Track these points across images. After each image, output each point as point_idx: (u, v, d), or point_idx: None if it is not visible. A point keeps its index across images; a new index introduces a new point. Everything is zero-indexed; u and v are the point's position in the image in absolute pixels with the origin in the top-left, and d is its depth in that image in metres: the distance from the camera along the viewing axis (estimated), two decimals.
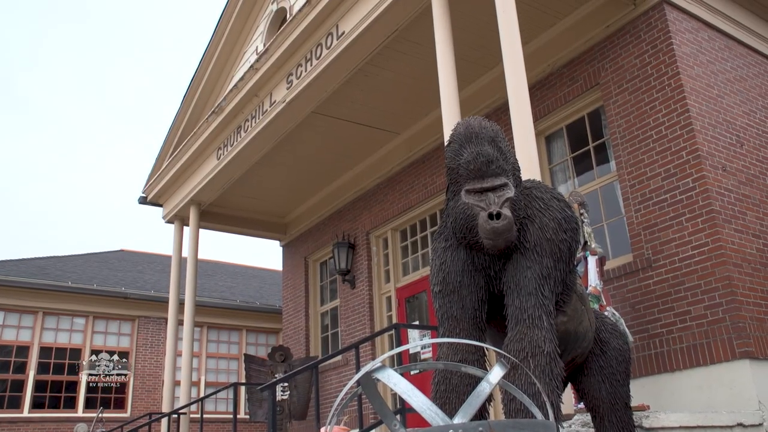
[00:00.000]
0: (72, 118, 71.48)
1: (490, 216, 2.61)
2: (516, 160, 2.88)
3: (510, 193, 2.70)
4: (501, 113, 8.40)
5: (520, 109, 5.85)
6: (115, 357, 15.25)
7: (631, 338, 5.94)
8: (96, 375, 15.04)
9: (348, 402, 1.99)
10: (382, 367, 1.72)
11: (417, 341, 9.61)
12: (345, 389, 1.81)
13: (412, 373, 9.17)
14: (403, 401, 7.01)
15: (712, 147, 6.59)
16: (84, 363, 14.74)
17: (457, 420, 1.58)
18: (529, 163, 5.57)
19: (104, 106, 74.14)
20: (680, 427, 4.76)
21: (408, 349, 9.62)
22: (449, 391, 2.65)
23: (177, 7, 78.93)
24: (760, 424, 5.48)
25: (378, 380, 1.96)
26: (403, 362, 9.01)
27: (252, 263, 31.58)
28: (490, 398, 2.69)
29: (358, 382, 1.84)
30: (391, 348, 9.89)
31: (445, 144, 2.88)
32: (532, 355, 2.55)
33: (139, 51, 77.69)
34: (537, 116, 8.01)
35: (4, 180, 60.12)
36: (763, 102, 7.67)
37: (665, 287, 6.46)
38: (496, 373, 1.72)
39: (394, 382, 1.66)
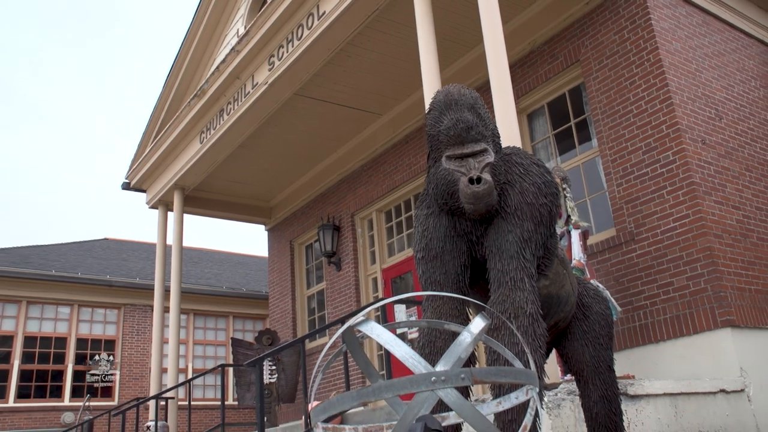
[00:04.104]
0: (55, 107, 70.79)
1: (471, 181, 2.63)
2: (495, 126, 2.89)
3: (490, 158, 2.72)
4: (483, 92, 8.41)
5: (501, 87, 5.86)
6: (112, 357, 15.10)
7: (619, 309, 6.01)
8: (98, 375, 14.92)
9: (332, 361, 2.00)
10: (365, 320, 1.74)
11: (404, 320, 9.65)
12: (328, 344, 1.83)
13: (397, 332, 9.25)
14: (389, 364, 7.09)
15: (692, 120, 6.65)
16: (90, 362, 14.60)
17: (440, 368, 1.61)
18: (511, 141, 5.58)
19: (85, 95, 73.48)
20: (664, 394, 4.84)
21: (391, 304, 9.63)
22: (434, 354, 2.67)
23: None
24: (742, 390, 5.57)
25: (362, 336, 1.98)
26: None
27: (238, 250, 31.47)
28: (474, 359, 2.73)
29: (342, 338, 1.86)
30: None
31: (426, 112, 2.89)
32: (514, 316, 2.57)
33: (124, 36, 76.96)
34: (518, 94, 8.04)
35: None
36: (741, 76, 7.74)
37: (648, 260, 6.54)
38: (476, 324, 1.74)
39: (378, 333, 1.68)
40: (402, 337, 9.79)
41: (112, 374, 14.99)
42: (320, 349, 11.34)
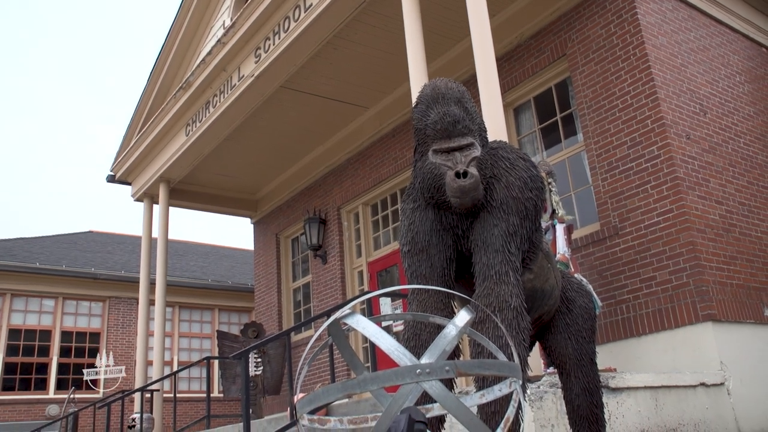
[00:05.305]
0: (39, 98, 70.14)
1: (457, 174, 2.64)
2: (482, 120, 2.91)
3: (476, 152, 2.73)
4: (469, 86, 8.41)
5: (488, 81, 5.87)
6: (111, 359, 14.93)
7: (600, 303, 6.06)
8: (97, 378, 14.77)
9: (318, 353, 2.02)
10: (351, 312, 1.76)
11: (389, 313, 9.68)
12: (314, 337, 1.84)
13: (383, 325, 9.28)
14: (374, 357, 7.11)
15: (676, 115, 6.70)
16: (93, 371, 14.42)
17: (424, 360, 1.62)
18: (498, 135, 5.60)
19: (70, 86, 72.82)
20: (645, 387, 4.90)
21: (376, 297, 9.67)
22: (419, 346, 2.69)
23: None
24: (722, 384, 5.64)
25: (348, 329, 2.00)
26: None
27: (223, 243, 31.39)
28: (459, 352, 2.75)
29: (328, 331, 1.87)
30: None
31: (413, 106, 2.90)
32: (499, 309, 2.60)
33: (110, 26, 76.28)
34: (505, 88, 8.06)
35: None
36: (726, 71, 7.80)
37: (631, 254, 6.59)
38: (462, 317, 1.76)
39: (363, 326, 1.69)
40: (387, 329, 9.81)
41: (115, 368, 14.83)
42: (306, 341, 11.35)
